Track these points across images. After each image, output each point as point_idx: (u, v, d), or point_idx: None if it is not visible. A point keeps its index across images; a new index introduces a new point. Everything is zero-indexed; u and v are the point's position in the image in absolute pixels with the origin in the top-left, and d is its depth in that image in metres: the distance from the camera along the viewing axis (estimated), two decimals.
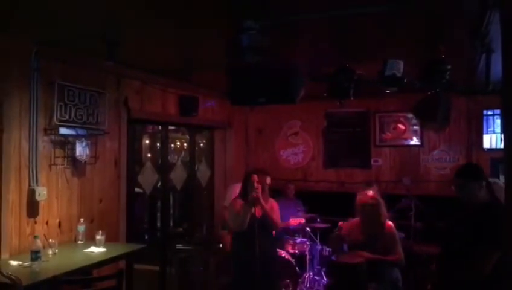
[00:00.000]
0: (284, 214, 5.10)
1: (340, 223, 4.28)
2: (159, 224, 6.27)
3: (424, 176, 6.66)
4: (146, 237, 6.28)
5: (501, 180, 4.59)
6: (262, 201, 4.12)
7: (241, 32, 3.00)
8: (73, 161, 4.27)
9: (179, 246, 5.80)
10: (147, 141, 6.63)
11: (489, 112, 6.20)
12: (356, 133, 7.13)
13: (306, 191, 6.96)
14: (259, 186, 4.16)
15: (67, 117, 4.11)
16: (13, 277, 2.88)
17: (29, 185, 3.86)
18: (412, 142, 6.82)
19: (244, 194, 4.20)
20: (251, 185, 4.13)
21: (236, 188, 4.97)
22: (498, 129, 6.11)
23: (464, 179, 3.10)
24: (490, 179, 4.38)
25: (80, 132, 4.27)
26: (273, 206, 4.33)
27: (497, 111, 6.05)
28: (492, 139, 6.18)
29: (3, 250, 3.63)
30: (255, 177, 4.20)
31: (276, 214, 4.32)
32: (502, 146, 5.99)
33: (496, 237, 2.76)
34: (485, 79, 3.79)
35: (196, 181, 6.66)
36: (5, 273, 2.90)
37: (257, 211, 4.13)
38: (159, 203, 6.15)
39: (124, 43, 3.66)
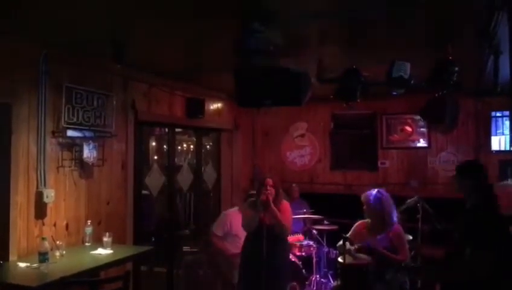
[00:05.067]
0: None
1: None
2: (165, 226, 6.28)
3: (431, 178, 6.61)
4: (153, 239, 6.29)
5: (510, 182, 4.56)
6: (272, 205, 4.10)
7: (248, 35, 3.01)
8: (81, 163, 4.29)
9: (186, 248, 5.81)
10: (154, 143, 6.66)
11: (498, 114, 6.15)
12: (363, 135, 7.11)
13: (312, 193, 6.94)
14: (272, 189, 4.15)
15: (74, 120, 4.14)
16: None
17: (37, 187, 3.88)
18: (419, 144, 6.79)
19: (257, 197, 4.20)
20: (264, 188, 4.14)
21: (231, 216, 4.91)
22: (507, 131, 6.05)
23: (458, 176, 3.03)
24: (503, 182, 4.34)
25: (88, 134, 4.29)
26: (284, 209, 4.32)
27: (506, 113, 6.00)
28: (501, 141, 6.13)
29: (12, 252, 3.66)
30: (269, 181, 4.20)
31: (286, 216, 4.30)
32: (510, 148, 5.97)
33: (481, 238, 2.68)
34: (493, 80, 3.77)
35: (203, 183, 6.67)
36: None
37: (267, 219, 4.12)
38: (165, 205, 6.16)
39: (132, 46, 3.68)
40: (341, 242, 3.86)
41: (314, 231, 5.79)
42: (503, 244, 2.69)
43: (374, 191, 4.05)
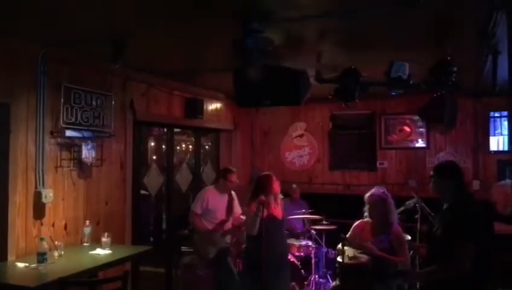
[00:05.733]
0: (290, 215, 5.08)
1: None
2: (164, 226, 6.28)
3: (430, 178, 6.60)
4: (152, 239, 6.29)
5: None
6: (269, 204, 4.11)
7: (247, 35, 3.01)
8: (80, 163, 4.29)
9: (185, 248, 5.79)
10: (153, 143, 6.65)
11: (496, 114, 6.16)
12: (362, 135, 7.11)
13: (311, 193, 6.94)
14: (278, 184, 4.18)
15: (73, 120, 4.14)
16: None
17: (36, 187, 3.88)
18: (417, 145, 6.79)
19: (256, 196, 4.18)
20: (271, 183, 4.13)
21: (208, 193, 4.99)
22: (505, 131, 6.06)
23: (435, 176, 3.07)
24: (501, 182, 4.36)
25: (86, 134, 4.29)
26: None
27: (504, 113, 6.00)
28: (499, 141, 6.14)
29: (10, 252, 3.66)
30: (273, 177, 4.21)
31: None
32: (509, 148, 5.97)
33: (462, 233, 2.71)
34: (491, 81, 3.77)
35: (202, 183, 6.66)
36: None
37: (265, 214, 4.13)
38: (164, 205, 6.16)
39: (131, 46, 3.67)
40: (340, 246, 3.87)
41: (312, 231, 5.79)
42: (482, 239, 2.74)
43: (379, 192, 4.01)
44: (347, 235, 4.03)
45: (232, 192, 5.11)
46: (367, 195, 4.01)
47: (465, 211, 2.84)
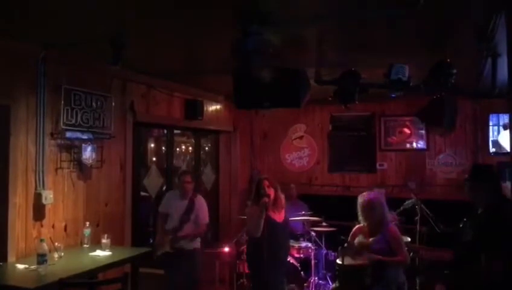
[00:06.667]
0: (288, 216, 5.08)
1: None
2: None
3: (429, 180, 6.62)
4: (151, 241, 6.28)
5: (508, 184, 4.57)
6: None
7: (246, 36, 3.01)
8: (80, 165, 4.29)
9: None
10: (152, 145, 6.64)
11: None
12: (361, 137, 7.12)
13: (311, 195, 6.95)
14: (272, 189, 4.17)
15: (73, 121, 4.14)
16: None
17: (36, 189, 3.88)
18: (417, 146, 6.80)
19: (257, 199, 4.20)
20: (263, 189, 4.15)
21: (169, 195, 5.00)
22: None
23: (471, 180, 3.03)
24: None
25: (86, 135, 4.29)
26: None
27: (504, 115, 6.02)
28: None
29: (10, 253, 3.66)
30: (266, 182, 4.21)
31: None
32: (508, 150, 5.98)
33: (496, 240, 2.67)
34: (491, 83, 3.78)
35: (201, 185, 6.66)
36: None
37: (273, 215, 4.16)
38: None
39: (131, 47, 3.68)
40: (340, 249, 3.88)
41: (312, 233, 5.79)
42: None
43: (374, 194, 4.02)
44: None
45: (201, 201, 4.90)
46: (364, 199, 4.01)
47: (501, 219, 2.77)
